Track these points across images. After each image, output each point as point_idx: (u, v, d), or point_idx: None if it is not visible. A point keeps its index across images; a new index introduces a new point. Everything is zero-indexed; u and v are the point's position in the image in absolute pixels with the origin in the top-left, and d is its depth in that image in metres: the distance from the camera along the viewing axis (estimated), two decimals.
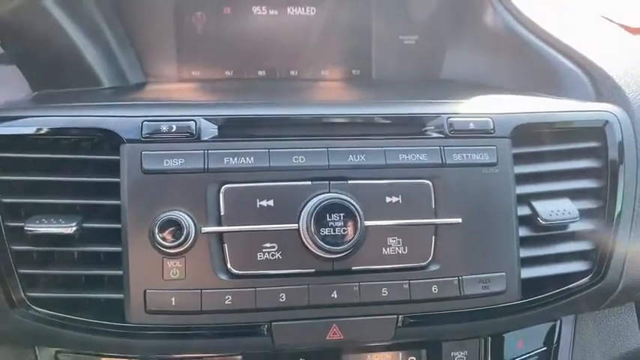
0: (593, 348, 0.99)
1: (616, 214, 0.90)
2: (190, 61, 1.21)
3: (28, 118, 0.82)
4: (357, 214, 0.77)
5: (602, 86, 1.01)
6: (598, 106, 0.96)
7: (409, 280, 0.82)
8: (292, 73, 1.25)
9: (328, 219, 0.77)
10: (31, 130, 0.81)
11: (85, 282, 0.80)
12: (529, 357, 0.96)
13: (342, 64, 1.26)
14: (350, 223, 0.77)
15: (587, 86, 1.03)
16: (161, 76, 1.21)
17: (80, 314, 0.78)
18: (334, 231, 0.77)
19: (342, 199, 0.78)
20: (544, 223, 0.87)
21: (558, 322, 0.98)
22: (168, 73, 1.21)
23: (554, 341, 0.97)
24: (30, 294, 0.78)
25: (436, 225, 0.83)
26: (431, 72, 1.24)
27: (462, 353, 0.92)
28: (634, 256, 0.91)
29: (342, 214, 0.77)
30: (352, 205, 0.78)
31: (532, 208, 0.88)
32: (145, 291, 0.77)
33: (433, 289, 0.82)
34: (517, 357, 0.95)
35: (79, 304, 0.79)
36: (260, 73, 1.25)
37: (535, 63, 1.10)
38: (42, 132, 0.81)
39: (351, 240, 0.77)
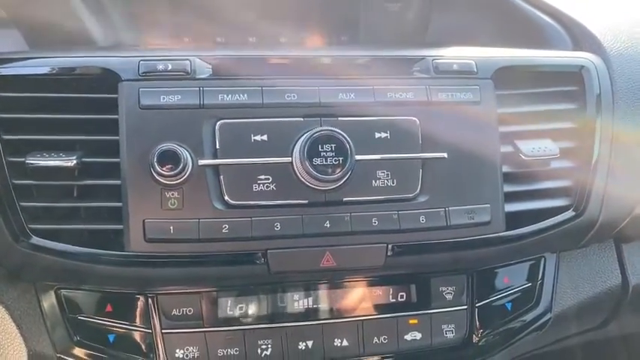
0: (575, 285, 1.03)
1: (594, 152, 0.94)
2: (182, 26, 1.24)
3: (29, 60, 0.86)
4: (347, 145, 0.81)
5: (580, 38, 1.07)
6: (576, 54, 1.02)
7: (398, 210, 0.85)
8: (282, 40, 1.28)
9: (320, 150, 0.80)
10: (32, 71, 0.84)
11: (86, 214, 0.82)
12: (514, 292, 0.99)
13: (331, 31, 1.29)
14: (341, 154, 0.81)
15: (565, 39, 1.09)
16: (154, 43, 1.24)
17: (81, 246, 0.81)
18: (326, 161, 0.80)
19: (333, 130, 0.81)
20: (526, 158, 0.91)
21: (542, 260, 1.01)
22: (161, 38, 1.24)
23: (539, 278, 1.01)
24: (32, 226, 0.80)
25: (423, 159, 0.87)
26: (416, 36, 1.29)
27: (449, 288, 0.95)
28: (612, 193, 0.95)
29: (333, 145, 0.81)
30: (343, 136, 0.81)
31: (515, 145, 0.92)
32: (143, 220, 0.80)
33: (421, 219, 0.85)
34: (502, 292, 0.99)
35: (80, 236, 0.81)
36: (251, 39, 1.28)
37: (516, 21, 1.15)
38: (42, 72, 0.84)
39: (342, 170, 0.80)
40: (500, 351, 0.99)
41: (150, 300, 0.88)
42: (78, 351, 0.88)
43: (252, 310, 0.90)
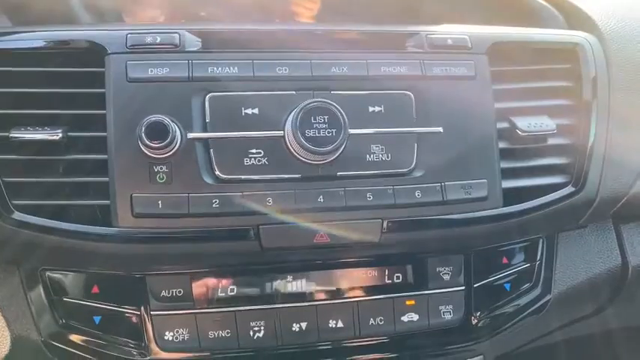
0: (574, 266, 1.01)
1: (591, 129, 0.93)
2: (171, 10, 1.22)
3: (14, 34, 0.83)
4: (340, 117, 0.79)
5: (574, 19, 1.06)
6: (570, 32, 1.01)
7: (393, 185, 0.83)
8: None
9: (313, 121, 0.78)
10: (16, 45, 0.82)
11: (71, 190, 0.79)
12: (512, 273, 0.97)
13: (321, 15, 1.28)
14: (334, 126, 0.78)
15: (560, 20, 1.08)
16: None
17: (67, 222, 0.78)
18: (319, 133, 0.78)
19: (326, 102, 0.79)
20: (522, 134, 0.89)
21: (540, 240, 0.99)
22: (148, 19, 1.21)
23: (537, 258, 0.99)
24: (15, 202, 0.77)
25: (418, 134, 0.85)
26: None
27: (447, 269, 0.93)
28: (610, 169, 0.94)
29: (326, 117, 0.79)
30: (336, 108, 0.79)
31: (511, 121, 0.91)
32: (131, 195, 0.77)
33: (417, 194, 0.83)
34: (501, 272, 0.96)
35: (65, 212, 0.79)
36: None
37: (510, 4, 1.14)
38: (28, 47, 0.82)
39: (335, 143, 0.78)
40: (499, 333, 0.97)
41: (138, 281, 0.85)
42: (63, 334, 0.85)
43: (244, 291, 0.87)
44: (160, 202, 0.77)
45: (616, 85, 0.96)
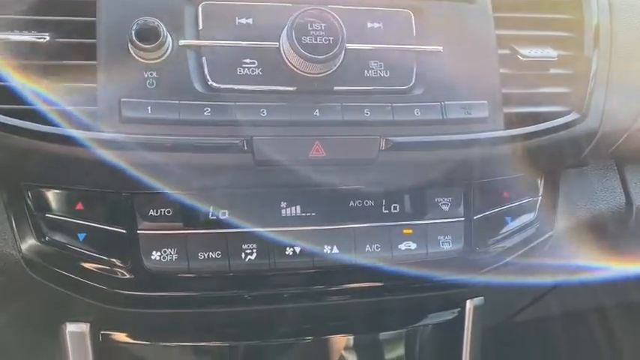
0: (577, 203, 0.98)
1: (593, 60, 0.91)
2: None
3: None
4: (338, 26, 0.76)
5: None
6: None
7: (392, 103, 0.81)
8: None
9: (309, 29, 0.76)
10: None
11: (57, 96, 0.76)
12: (513, 206, 0.94)
13: None
14: (331, 34, 0.76)
15: None
16: None
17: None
18: (315, 40, 0.76)
19: (323, 9, 0.77)
20: (524, 59, 0.88)
21: (543, 176, 0.97)
22: None
23: (539, 194, 0.96)
24: None
25: (417, 52, 0.83)
26: None
27: (446, 199, 0.90)
28: (612, 101, 0.92)
29: (323, 25, 0.76)
30: (333, 17, 0.76)
31: (512, 48, 0.89)
32: (120, 100, 0.74)
33: (416, 111, 0.81)
34: (501, 205, 0.94)
35: (50, 120, 0.75)
36: None
37: None
38: None
39: (333, 51, 0.76)
40: (499, 267, 0.93)
41: (125, 198, 0.81)
42: (44, 250, 0.81)
43: (236, 212, 0.84)
44: (149, 107, 0.74)
45: (618, 18, 0.95)
